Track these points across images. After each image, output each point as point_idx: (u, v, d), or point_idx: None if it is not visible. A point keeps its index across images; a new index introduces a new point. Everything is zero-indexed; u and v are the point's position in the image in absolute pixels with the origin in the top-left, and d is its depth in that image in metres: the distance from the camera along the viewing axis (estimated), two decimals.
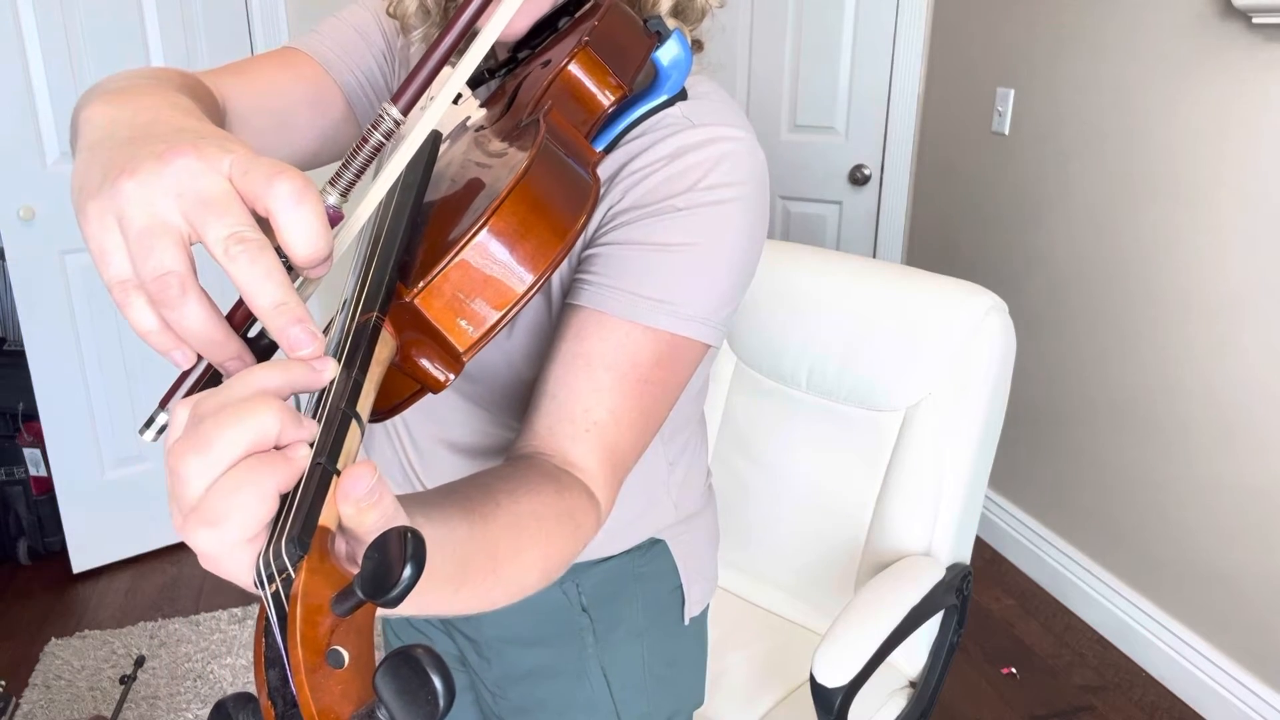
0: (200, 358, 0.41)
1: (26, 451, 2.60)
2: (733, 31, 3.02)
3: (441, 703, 0.29)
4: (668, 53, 0.64)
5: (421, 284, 0.44)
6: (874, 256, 3.03)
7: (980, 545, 2.74)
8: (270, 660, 0.32)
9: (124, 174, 0.38)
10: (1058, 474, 2.50)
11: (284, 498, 0.34)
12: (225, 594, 2.54)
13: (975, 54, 2.68)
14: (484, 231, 0.45)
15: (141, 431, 0.45)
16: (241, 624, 2.39)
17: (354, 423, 0.37)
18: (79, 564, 2.60)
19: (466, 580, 0.49)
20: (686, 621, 0.97)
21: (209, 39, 2.51)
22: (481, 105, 0.65)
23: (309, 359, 0.37)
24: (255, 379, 0.36)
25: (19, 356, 2.53)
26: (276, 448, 0.35)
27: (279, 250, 0.39)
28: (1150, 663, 2.22)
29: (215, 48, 2.52)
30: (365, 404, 0.39)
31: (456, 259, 0.44)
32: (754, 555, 1.60)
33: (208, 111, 0.56)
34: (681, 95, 0.67)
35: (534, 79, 0.60)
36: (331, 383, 0.38)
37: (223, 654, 2.28)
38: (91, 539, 2.61)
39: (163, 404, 0.45)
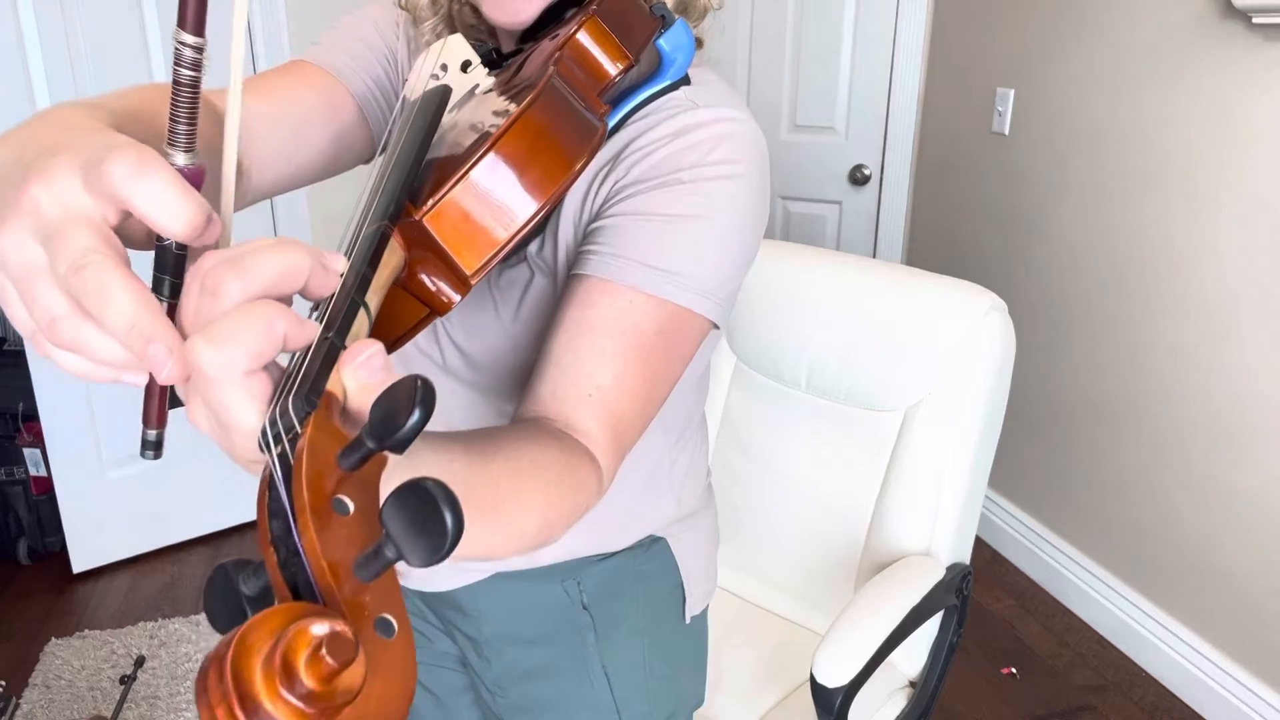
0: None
1: (26, 451, 2.60)
2: (733, 31, 3.02)
3: (450, 533, 0.28)
4: (672, 38, 0.67)
5: (430, 203, 0.46)
6: (874, 256, 3.03)
7: (980, 545, 2.74)
8: (274, 511, 0.32)
9: None
10: (1058, 474, 2.50)
11: (288, 374, 0.35)
12: None
13: (975, 54, 2.68)
14: (490, 155, 0.46)
15: (145, 454, 0.44)
16: None
17: (362, 310, 0.38)
18: (79, 564, 2.60)
19: (466, 513, 0.49)
20: (687, 620, 0.97)
21: (209, 41, 2.51)
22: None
23: (170, 380, 0.35)
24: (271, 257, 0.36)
25: (19, 356, 2.53)
26: None
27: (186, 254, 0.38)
28: (1150, 663, 2.22)
29: (216, 49, 2.52)
30: (374, 299, 0.40)
31: (463, 180, 0.46)
32: (754, 555, 1.60)
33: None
34: (685, 81, 0.70)
35: (541, 49, 0.63)
36: (341, 278, 0.39)
37: None
38: (91, 539, 2.61)
39: (146, 422, 0.43)
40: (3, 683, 1.94)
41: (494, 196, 0.47)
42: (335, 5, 0.85)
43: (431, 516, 0.28)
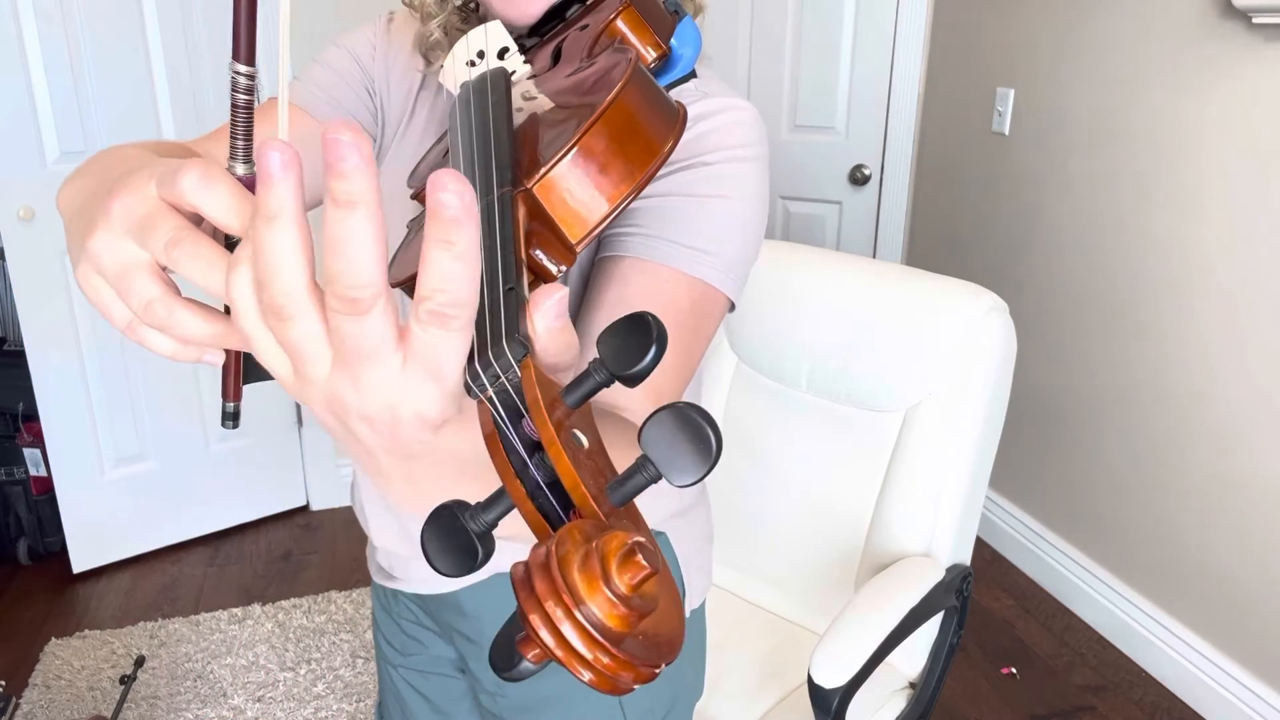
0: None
1: (26, 451, 2.60)
2: (733, 31, 3.02)
3: (714, 449, 0.29)
4: (681, 33, 0.70)
5: (540, 172, 0.47)
6: (874, 256, 3.03)
7: (980, 545, 2.74)
8: (509, 449, 0.33)
9: (87, 235, 0.42)
10: (1058, 474, 2.50)
11: (479, 323, 0.36)
12: (225, 594, 2.54)
13: (975, 54, 2.68)
14: (598, 125, 0.48)
15: (226, 424, 0.49)
16: (241, 624, 2.39)
17: (523, 266, 0.40)
18: (79, 564, 2.60)
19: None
20: (687, 614, 0.98)
21: (209, 41, 2.52)
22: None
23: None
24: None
25: (19, 356, 2.53)
26: None
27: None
28: (1150, 663, 2.22)
29: (215, 49, 2.52)
30: (523, 257, 0.42)
31: (571, 151, 0.47)
32: (754, 555, 1.60)
33: None
34: (692, 74, 0.72)
35: (577, 37, 0.65)
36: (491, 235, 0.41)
37: (223, 654, 2.28)
38: (91, 539, 2.61)
39: (225, 396, 0.48)
40: (3, 683, 1.94)
41: (598, 169, 0.49)
42: (335, 8, 0.86)
43: (695, 435, 0.29)
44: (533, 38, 0.72)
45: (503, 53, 0.67)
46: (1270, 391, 1.88)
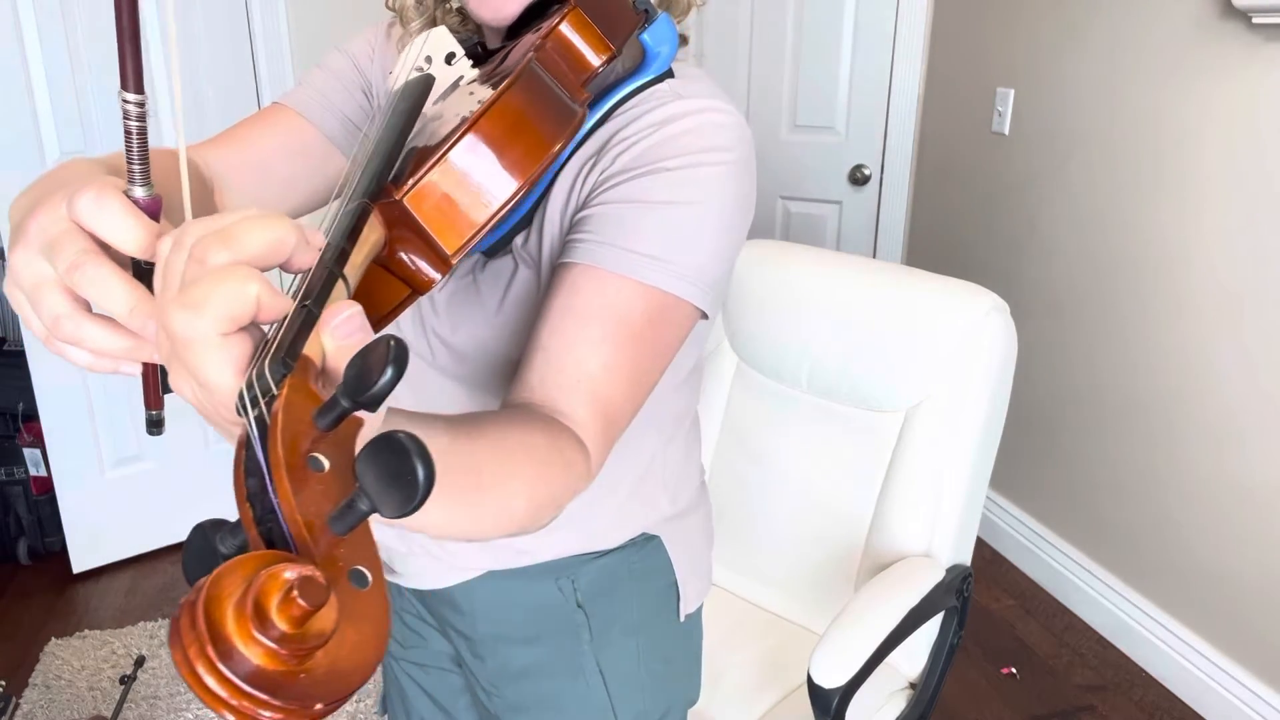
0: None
1: (26, 451, 2.60)
2: (733, 31, 3.02)
3: (421, 484, 0.28)
4: (656, 32, 0.68)
5: (411, 183, 0.47)
6: (874, 256, 3.03)
7: (981, 545, 2.74)
8: (250, 469, 0.33)
9: (9, 251, 0.44)
10: (1058, 474, 2.50)
11: (266, 340, 0.36)
12: None
13: (975, 54, 2.68)
14: (469, 136, 0.47)
15: (151, 431, 0.50)
16: None
17: (340, 282, 0.39)
18: (79, 564, 2.60)
19: (446, 490, 0.50)
20: (682, 618, 0.97)
21: (209, 39, 2.51)
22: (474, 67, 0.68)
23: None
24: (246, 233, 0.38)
25: (19, 356, 2.53)
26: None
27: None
28: (1150, 663, 2.22)
29: (215, 49, 2.52)
30: (352, 273, 0.41)
31: (443, 160, 0.47)
32: (754, 555, 1.59)
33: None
34: (669, 74, 0.71)
35: (525, 41, 0.63)
36: (320, 253, 0.40)
37: None
38: (91, 539, 2.61)
39: (146, 404, 0.48)
40: (3, 683, 1.94)
41: (473, 177, 0.48)
42: (335, 8, 0.87)
43: (404, 468, 0.28)
44: (513, 38, 0.72)
45: (449, 58, 0.65)
46: (1270, 391, 1.88)
